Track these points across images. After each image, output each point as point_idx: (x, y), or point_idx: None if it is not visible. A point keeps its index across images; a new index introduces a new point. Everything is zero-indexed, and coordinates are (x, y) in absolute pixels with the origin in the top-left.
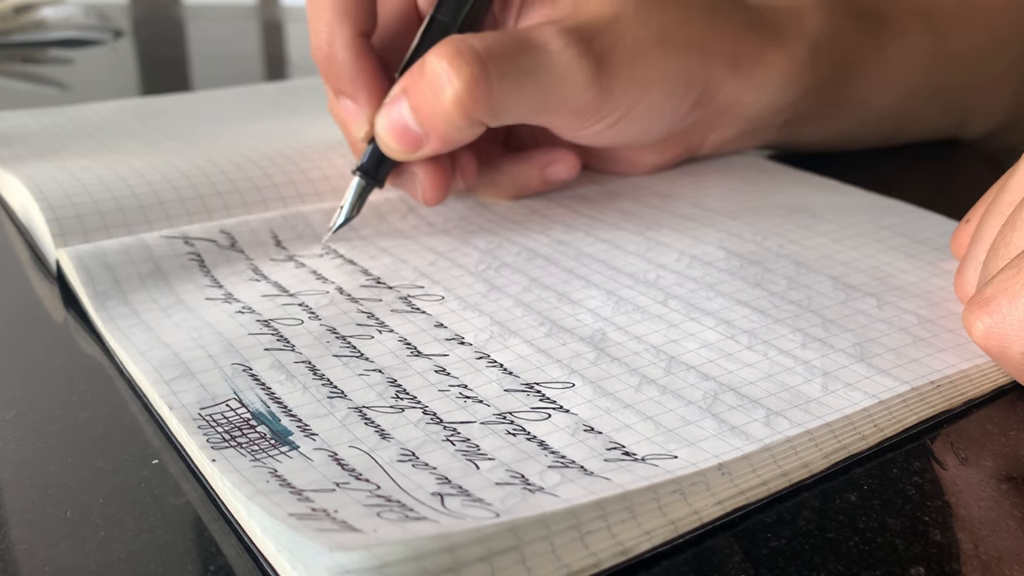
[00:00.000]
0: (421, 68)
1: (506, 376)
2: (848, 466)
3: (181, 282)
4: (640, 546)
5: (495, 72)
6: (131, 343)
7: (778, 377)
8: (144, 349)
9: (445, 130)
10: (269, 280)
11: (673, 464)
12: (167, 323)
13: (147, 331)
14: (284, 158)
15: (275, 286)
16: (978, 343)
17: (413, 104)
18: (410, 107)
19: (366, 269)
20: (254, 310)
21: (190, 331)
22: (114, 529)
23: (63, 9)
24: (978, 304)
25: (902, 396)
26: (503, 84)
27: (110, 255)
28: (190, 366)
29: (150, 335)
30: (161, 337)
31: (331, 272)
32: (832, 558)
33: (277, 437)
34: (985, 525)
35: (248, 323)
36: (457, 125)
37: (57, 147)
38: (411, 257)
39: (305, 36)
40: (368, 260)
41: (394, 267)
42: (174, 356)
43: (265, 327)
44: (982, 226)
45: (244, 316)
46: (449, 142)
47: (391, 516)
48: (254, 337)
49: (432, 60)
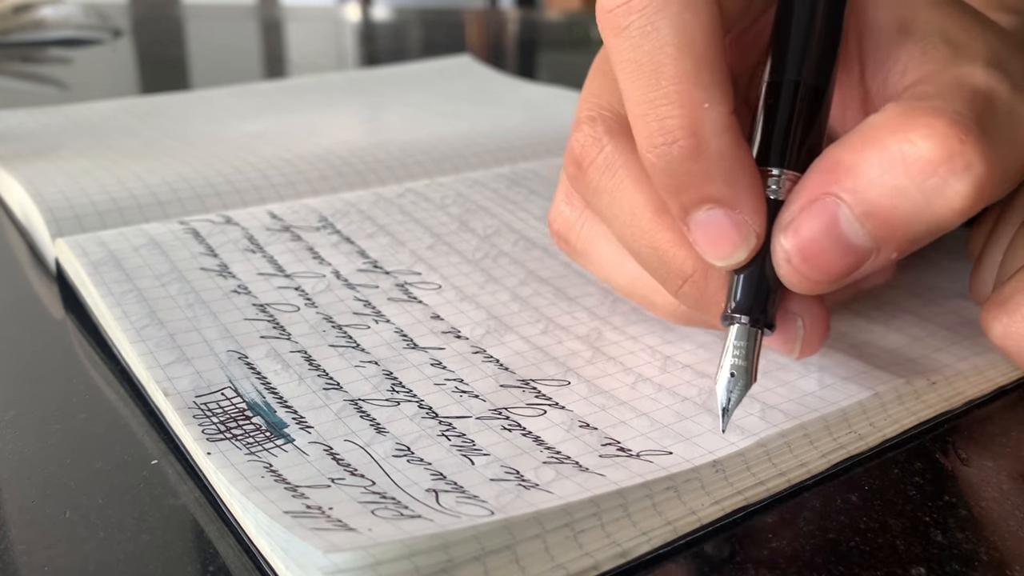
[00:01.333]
0: (879, 154)
1: (502, 372)
2: (849, 467)
3: (175, 250)
4: (639, 548)
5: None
6: (127, 317)
7: (774, 373)
8: (140, 326)
9: (917, 240)
10: (265, 253)
11: (668, 460)
12: (162, 293)
13: (142, 302)
14: (283, 160)
15: (271, 262)
16: (996, 343)
17: (866, 207)
18: (859, 212)
19: (363, 250)
20: (250, 291)
21: (186, 308)
22: (113, 530)
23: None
24: (996, 304)
25: (897, 389)
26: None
27: (106, 238)
28: (186, 351)
29: (145, 307)
30: (157, 313)
31: (328, 252)
32: (833, 559)
33: (272, 429)
34: (986, 525)
35: (244, 306)
36: (941, 232)
37: (56, 146)
38: (408, 238)
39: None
40: (365, 239)
41: (391, 249)
42: (170, 338)
43: (261, 312)
44: (999, 226)
45: (240, 297)
46: (904, 253)
47: (385, 514)
48: (250, 323)
49: (924, 145)
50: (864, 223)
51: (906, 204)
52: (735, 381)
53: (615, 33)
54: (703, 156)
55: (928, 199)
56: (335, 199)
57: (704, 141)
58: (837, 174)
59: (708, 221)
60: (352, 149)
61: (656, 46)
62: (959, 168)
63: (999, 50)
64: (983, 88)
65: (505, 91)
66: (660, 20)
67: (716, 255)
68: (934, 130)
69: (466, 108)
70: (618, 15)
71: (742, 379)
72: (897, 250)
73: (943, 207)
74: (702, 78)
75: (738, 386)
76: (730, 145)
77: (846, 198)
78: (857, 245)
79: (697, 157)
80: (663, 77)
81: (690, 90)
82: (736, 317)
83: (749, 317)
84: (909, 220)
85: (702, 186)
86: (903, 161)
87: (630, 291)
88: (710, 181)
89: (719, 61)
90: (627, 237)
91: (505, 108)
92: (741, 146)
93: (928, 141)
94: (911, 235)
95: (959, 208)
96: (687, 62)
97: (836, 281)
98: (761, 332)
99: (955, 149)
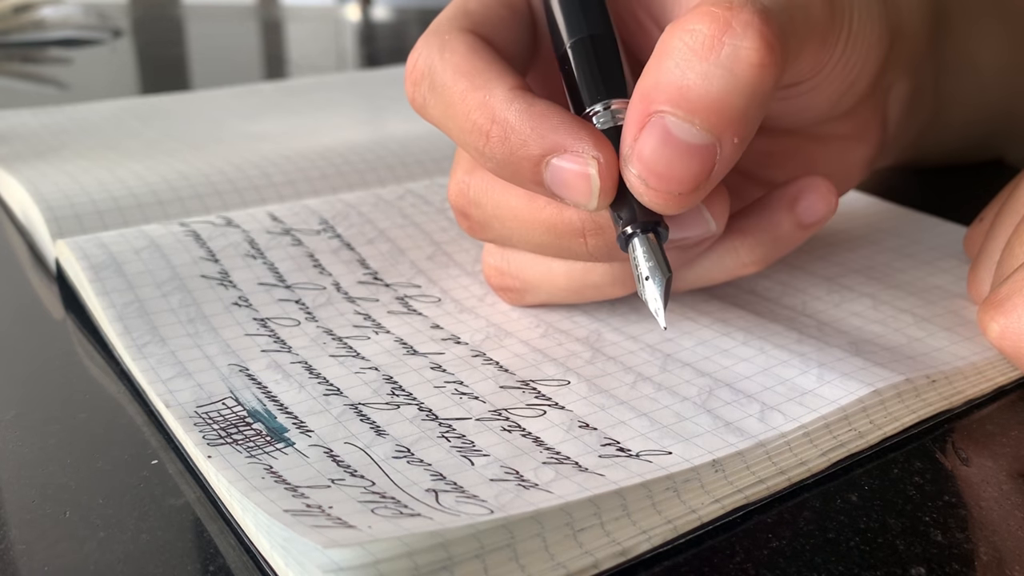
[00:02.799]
0: (671, 57)
1: (502, 373)
2: (849, 466)
3: (176, 254)
4: (639, 547)
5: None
6: (128, 333)
7: (774, 370)
8: (141, 343)
9: (745, 114)
10: (266, 259)
11: (667, 460)
12: (163, 306)
13: (144, 316)
14: (283, 158)
15: (272, 270)
16: (993, 343)
17: (685, 105)
18: (682, 113)
19: (363, 259)
20: (251, 303)
21: (187, 324)
22: (113, 529)
23: (62, 9)
24: (993, 304)
25: (896, 387)
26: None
27: (107, 240)
28: (187, 366)
29: (147, 322)
30: (158, 329)
31: (328, 259)
32: (833, 558)
33: (273, 434)
34: (986, 525)
35: (245, 320)
36: (761, 98)
37: (56, 146)
38: (409, 245)
39: (305, 35)
40: (366, 245)
41: (392, 259)
42: (171, 355)
43: (262, 327)
44: (996, 225)
45: (241, 311)
46: (748, 136)
47: (385, 512)
48: (251, 339)
49: (700, 27)
50: (692, 120)
51: (716, 85)
52: (652, 282)
53: (421, 112)
54: (510, 129)
55: (730, 69)
56: (335, 200)
57: (503, 117)
58: (647, 95)
59: (552, 174)
60: (352, 148)
61: (442, 95)
62: (739, 28)
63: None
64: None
65: None
66: (435, 76)
67: (579, 197)
68: (704, 12)
69: None
70: (415, 101)
71: (658, 275)
72: (736, 134)
73: (745, 69)
74: (475, 81)
75: (659, 282)
76: (523, 108)
77: (665, 108)
78: (698, 144)
79: (507, 134)
80: (456, 107)
81: (474, 96)
82: (627, 232)
83: (639, 226)
84: (727, 98)
85: (529, 151)
86: (692, 50)
87: (569, 281)
88: (529, 144)
89: (487, 64)
90: (524, 234)
91: None
92: (536, 102)
93: (702, 22)
94: (739, 111)
95: (758, 62)
96: (462, 82)
97: (699, 186)
98: (656, 233)
99: (727, 17)
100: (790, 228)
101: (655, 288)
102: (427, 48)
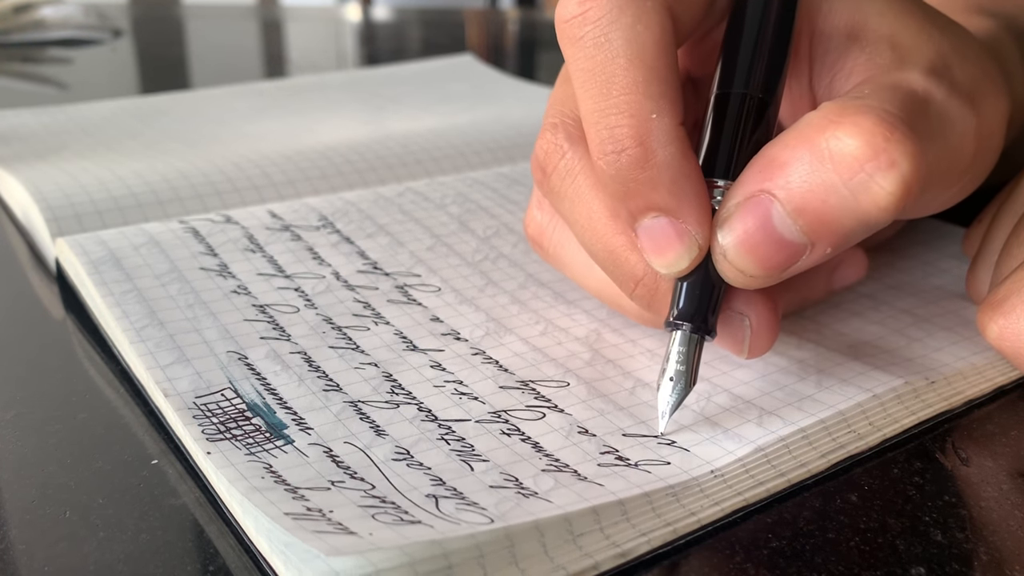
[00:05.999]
0: (809, 151)
1: (501, 373)
2: (849, 466)
3: (175, 249)
4: (639, 548)
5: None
6: (126, 317)
7: (772, 376)
8: (140, 326)
9: (849, 234)
10: (265, 252)
11: (666, 471)
12: (162, 293)
13: (142, 302)
14: (283, 158)
15: (271, 262)
16: (992, 344)
17: (797, 203)
18: (791, 208)
19: (363, 251)
20: (250, 291)
21: (186, 309)
22: (113, 529)
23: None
24: (991, 305)
25: (895, 390)
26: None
27: (107, 237)
28: (185, 351)
29: (145, 307)
30: (157, 313)
31: (328, 252)
32: (833, 558)
33: (272, 430)
34: (986, 525)
35: (244, 307)
36: (872, 229)
37: (56, 146)
38: (408, 239)
39: (305, 35)
40: (365, 239)
41: (391, 250)
42: (169, 339)
43: (261, 313)
44: (995, 226)
45: (240, 297)
46: (842, 248)
47: (386, 519)
48: (250, 324)
49: (850, 143)
50: (796, 219)
51: (835, 200)
52: (674, 386)
53: (571, 43)
54: (650, 165)
55: (855, 196)
56: (335, 198)
57: (651, 151)
58: (771, 171)
59: (653, 228)
60: (353, 147)
61: (608, 57)
62: (884, 165)
63: (947, 55)
64: (918, 91)
65: (506, 91)
66: (613, 32)
67: (660, 262)
68: (861, 127)
69: (467, 107)
70: (574, 25)
71: (680, 383)
72: (831, 245)
73: (870, 204)
74: (651, 89)
75: (677, 390)
76: (676, 156)
77: (778, 194)
78: (791, 240)
79: (644, 166)
80: (614, 87)
81: (640, 100)
82: (678, 323)
83: (691, 324)
84: (839, 216)
85: (649, 194)
86: (831, 158)
87: (600, 294)
88: (656, 190)
89: (669, 73)
90: (586, 240)
91: (506, 107)
92: (687, 157)
93: (855, 138)
94: (843, 231)
95: (884, 206)
96: (637, 73)
97: (773, 275)
98: (702, 338)
99: (880, 146)
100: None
101: (672, 393)
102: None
